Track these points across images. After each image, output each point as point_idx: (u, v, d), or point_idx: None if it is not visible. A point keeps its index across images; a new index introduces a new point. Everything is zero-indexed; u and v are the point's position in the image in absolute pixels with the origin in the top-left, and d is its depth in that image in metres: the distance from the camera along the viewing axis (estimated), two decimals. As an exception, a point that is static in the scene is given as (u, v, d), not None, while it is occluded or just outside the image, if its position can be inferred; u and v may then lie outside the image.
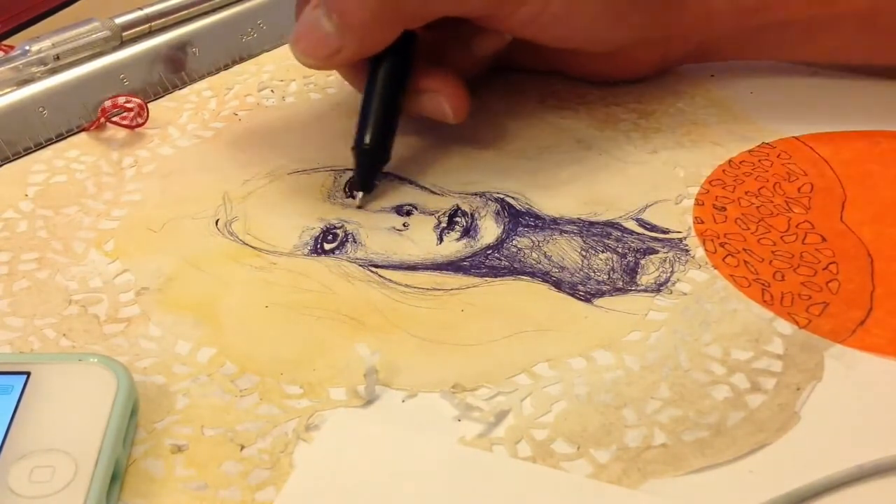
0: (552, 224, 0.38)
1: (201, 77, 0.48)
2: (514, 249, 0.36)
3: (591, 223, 0.38)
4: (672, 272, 0.35)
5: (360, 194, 0.39)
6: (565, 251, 0.36)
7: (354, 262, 0.36)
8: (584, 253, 0.36)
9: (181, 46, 0.48)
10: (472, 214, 0.38)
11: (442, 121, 0.40)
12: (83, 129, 0.44)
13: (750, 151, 0.41)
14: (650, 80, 0.45)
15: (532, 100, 0.45)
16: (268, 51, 0.51)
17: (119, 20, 0.48)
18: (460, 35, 0.42)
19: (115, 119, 0.44)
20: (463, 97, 0.40)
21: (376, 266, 0.36)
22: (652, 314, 0.33)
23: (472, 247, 0.37)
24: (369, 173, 0.39)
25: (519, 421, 0.30)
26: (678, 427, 0.29)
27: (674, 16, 0.42)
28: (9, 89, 0.44)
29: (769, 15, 0.42)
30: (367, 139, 0.39)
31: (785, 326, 0.32)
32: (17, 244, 0.38)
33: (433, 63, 0.41)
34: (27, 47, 0.46)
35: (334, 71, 0.48)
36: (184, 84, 0.48)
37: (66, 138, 0.44)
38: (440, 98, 0.40)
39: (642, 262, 0.36)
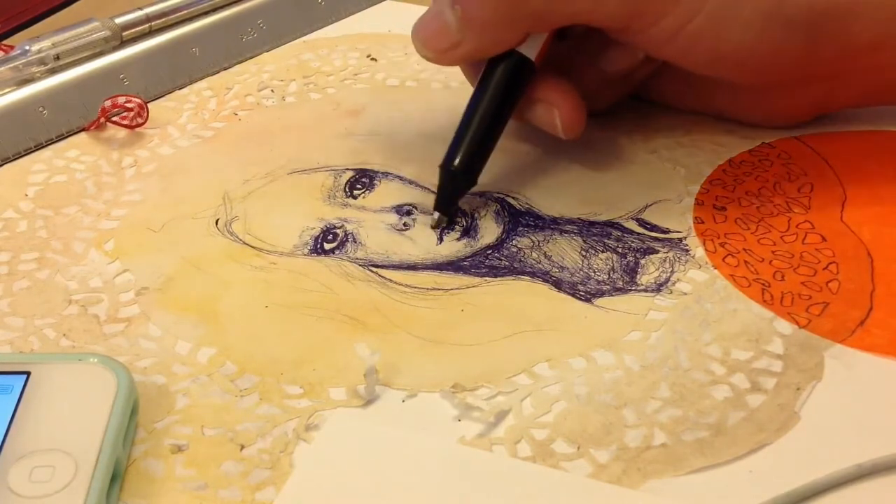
0: (552, 224, 0.38)
1: (201, 77, 0.48)
2: (515, 249, 0.36)
3: (591, 223, 0.38)
4: (672, 272, 0.35)
5: (436, 214, 0.37)
6: (565, 251, 0.36)
7: (354, 262, 0.36)
8: (584, 253, 0.36)
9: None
10: (472, 214, 0.38)
11: (552, 133, 0.38)
12: (83, 129, 0.44)
13: (750, 151, 0.41)
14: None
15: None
16: (268, 51, 0.51)
17: (119, 20, 0.48)
18: (589, 48, 0.39)
19: (115, 119, 0.44)
20: (578, 115, 0.38)
21: (376, 266, 0.36)
22: (652, 314, 0.33)
23: (472, 247, 0.37)
24: (451, 196, 0.38)
25: (519, 421, 0.30)
26: (678, 427, 0.29)
27: (829, 49, 0.37)
28: (9, 89, 0.44)
29: None
30: (457, 162, 0.37)
31: (785, 326, 0.32)
32: (17, 244, 0.38)
33: (558, 74, 0.38)
34: (27, 47, 0.46)
35: (333, 72, 0.48)
36: (184, 84, 0.48)
37: (66, 138, 0.44)
38: (554, 111, 0.38)
39: (642, 261, 0.36)
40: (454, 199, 0.38)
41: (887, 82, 0.39)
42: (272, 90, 0.47)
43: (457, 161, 0.37)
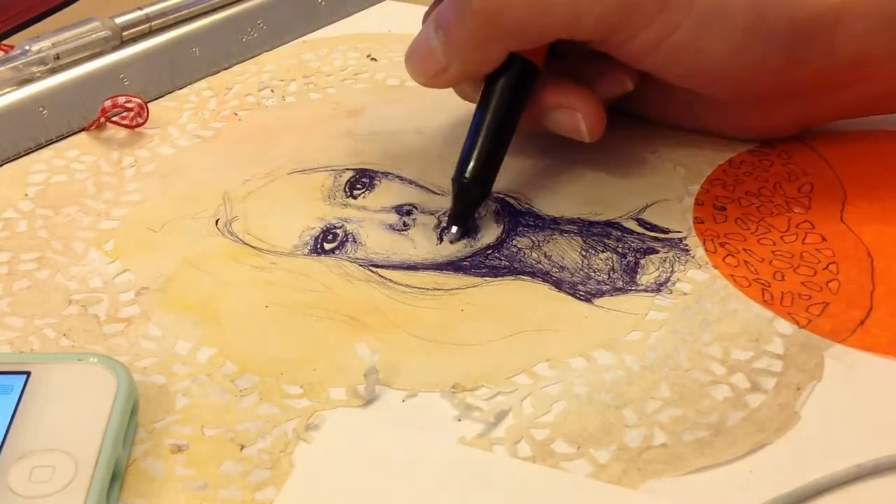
0: (552, 224, 0.38)
1: (201, 77, 0.48)
2: (514, 249, 0.36)
3: (591, 223, 0.38)
4: (672, 272, 0.35)
5: (454, 229, 0.37)
6: (565, 251, 0.36)
7: (354, 262, 0.36)
8: (584, 253, 0.36)
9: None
10: (472, 214, 0.38)
11: (575, 138, 0.38)
12: (83, 129, 0.44)
13: (750, 151, 0.41)
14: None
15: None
16: (268, 51, 0.51)
17: (119, 20, 0.48)
18: (584, 75, 0.39)
19: (115, 119, 0.44)
20: (600, 116, 0.38)
21: (376, 266, 0.36)
22: (652, 314, 0.33)
23: (472, 247, 0.37)
24: (466, 208, 0.37)
25: (519, 421, 0.30)
26: (678, 427, 0.29)
27: (813, 62, 0.36)
28: (9, 89, 0.44)
29: None
30: (468, 174, 0.36)
31: (785, 326, 0.32)
32: (17, 244, 0.38)
33: (571, 79, 0.38)
34: (27, 47, 0.46)
35: (333, 72, 0.48)
36: (184, 84, 0.48)
37: (66, 138, 0.44)
38: (577, 115, 0.38)
39: (642, 261, 0.36)
40: (469, 211, 0.37)
41: (872, 97, 0.38)
42: (272, 90, 0.47)
43: (468, 173, 0.36)
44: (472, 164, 0.36)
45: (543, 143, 0.42)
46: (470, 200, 0.37)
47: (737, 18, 0.35)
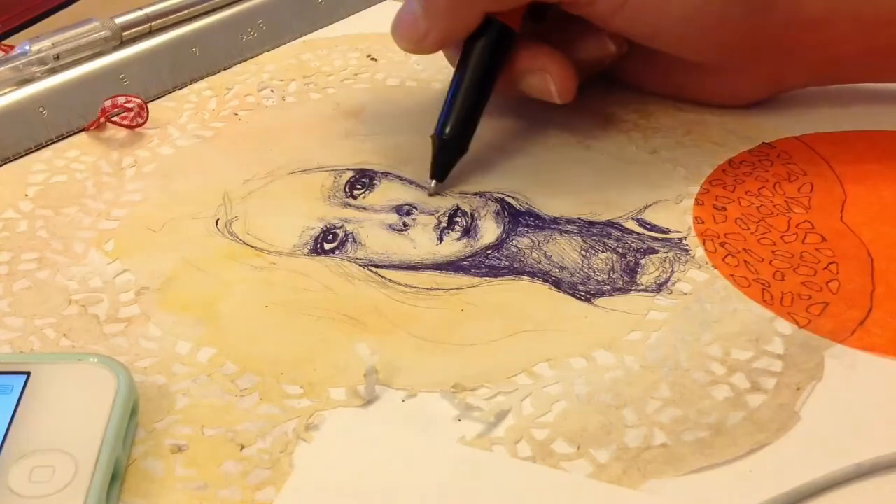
0: (552, 224, 0.38)
1: (201, 77, 0.48)
2: (515, 249, 0.36)
3: (591, 223, 0.38)
4: (672, 272, 0.35)
5: (433, 182, 0.39)
6: (565, 251, 0.36)
7: (354, 262, 0.36)
8: (584, 253, 0.36)
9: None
10: (472, 214, 0.38)
11: (547, 100, 0.40)
12: (83, 129, 0.44)
13: (750, 151, 0.41)
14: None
15: (532, 99, 0.45)
16: (268, 51, 0.51)
17: (119, 20, 0.48)
18: (565, 37, 0.41)
19: (115, 119, 0.44)
20: (571, 78, 0.40)
21: (376, 266, 0.36)
22: (652, 314, 0.33)
23: (472, 247, 0.37)
24: (445, 163, 0.40)
25: (519, 421, 0.30)
26: (678, 427, 0.29)
27: (775, 22, 0.39)
28: (9, 89, 0.44)
29: None
30: (448, 130, 0.39)
31: (785, 326, 0.32)
32: (17, 244, 0.38)
33: (544, 43, 0.40)
34: (27, 47, 0.46)
35: (333, 72, 0.48)
36: (184, 84, 0.48)
37: (66, 138, 0.44)
38: (547, 77, 0.40)
39: (642, 261, 0.36)
40: (448, 166, 0.40)
41: (836, 58, 0.40)
42: (272, 90, 0.47)
43: (447, 130, 0.39)
44: (451, 122, 0.39)
45: (543, 143, 0.42)
46: (449, 156, 0.40)
47: None
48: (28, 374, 0.29)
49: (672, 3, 0.38)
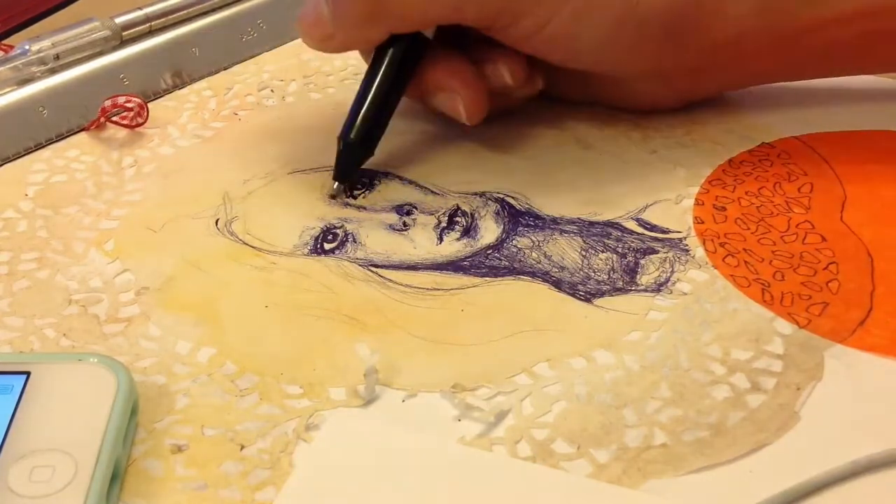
0: (552, 224, 0.38)
1: (201, 77, 0.48)
2: (514, 249, 0.36)
3: (591, 223, 0.38)
4: (672, 272, 0.35)
5: (335, 184, 0.39)
6: (565, 251, 0.36)
7: (354, 262, 0.36)
8: (584, 253, 0.36)
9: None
10: (472, 214, 0.38)
11: (457, 120, 0.40)
12: (83, 129, 0.44)
13: (750, 151, 0.41)
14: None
15: (532, 99, 0.45)
16: (268, 51, 0.51)
17: (119, 20, 0.48)
18: (484, 57, 0.40)
19: (115, 119, 0.44)
20: (480, 101, 0.40)
21: (376, 266, 0.36)
22: (652, 314, 0.33)
23: (472, 247, 0.37)
24: (348, 165, 0.39)
25: (519, 421, 0.30)
26: (678, 427, 0.29)
27: (690, 46, 0.39)
28: (9, 89, 0.44)
29: (815, 38, 0.39)
30: (353, 134, 0.39)
31: (785, 326, 0.32)
32: (17, 244, 0.38)
33: (461, 61, 0.40)
34: (27, 47, 0.46)
35: (333, 72, 0.48)
36: (184, 84, 0.48)
37: (66, 138, 0.44)
38: (457, 98, 0.39)
39: (642, 261, 0.36)
40: (353, 168, 0.40)
41: (751, 71, 0.41)
42: (272, 90, 0.47)
43: (353, 133, 0.39)
44: (356, 126, 0.39)
45: (543, 143, 0.42)
46: (353, 159, 0.40)
47: (608, 10, 0.38)
48: (28, 374, 0.29)
49: (585, 33, 0.38)
